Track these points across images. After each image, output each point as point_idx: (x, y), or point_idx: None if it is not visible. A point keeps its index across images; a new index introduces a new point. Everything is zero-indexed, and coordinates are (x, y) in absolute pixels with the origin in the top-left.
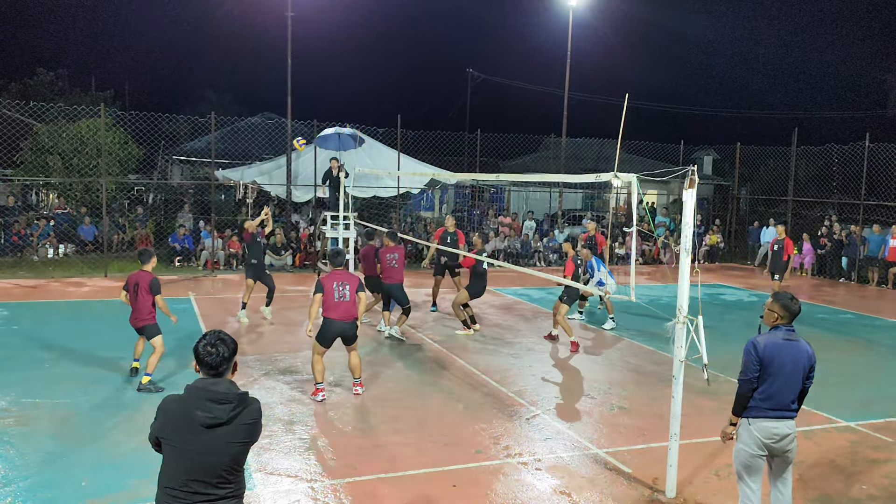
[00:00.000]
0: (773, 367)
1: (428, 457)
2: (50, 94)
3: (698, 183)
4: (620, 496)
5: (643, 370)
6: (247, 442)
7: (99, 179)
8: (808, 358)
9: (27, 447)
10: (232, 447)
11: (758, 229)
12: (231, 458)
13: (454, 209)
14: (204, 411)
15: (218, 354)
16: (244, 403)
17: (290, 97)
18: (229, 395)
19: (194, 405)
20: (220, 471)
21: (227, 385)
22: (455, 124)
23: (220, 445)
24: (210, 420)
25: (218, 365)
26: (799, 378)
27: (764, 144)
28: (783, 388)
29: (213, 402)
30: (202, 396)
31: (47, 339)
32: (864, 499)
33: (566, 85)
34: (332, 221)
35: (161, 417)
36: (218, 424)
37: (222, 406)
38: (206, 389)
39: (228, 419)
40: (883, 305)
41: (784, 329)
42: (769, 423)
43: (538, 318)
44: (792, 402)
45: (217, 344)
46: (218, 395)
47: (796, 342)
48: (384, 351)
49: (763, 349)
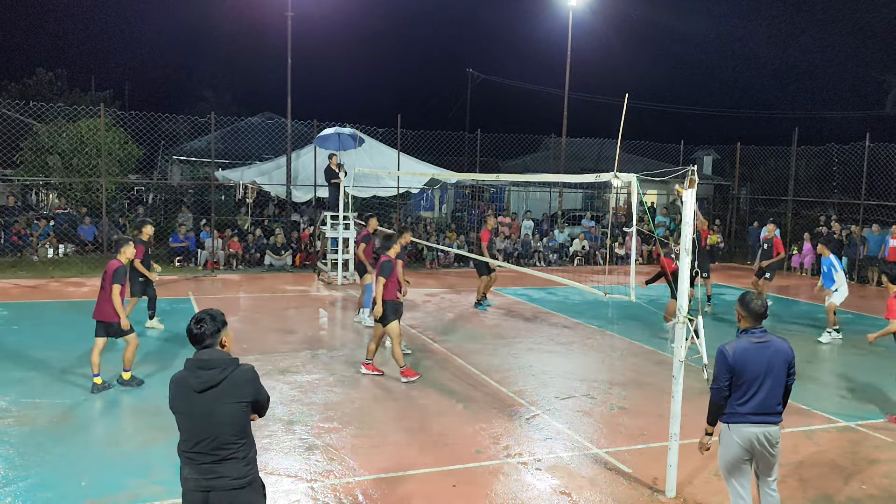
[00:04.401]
0: (746, 373)
1: (428, 457)
2: (49, 94)
3: (698, 183)
4: (620, 496)
5: (643, 370)
6: (242, 402)
7: (99, 179)
8: (784, 356)
9: (27, 447)
10: (226, 407)
11: (757, 229)
12: (230, 419)
13: (454, 209)
14: (196, 378)
15: (202, 330)
16: (232, 366)
17: (290, 97)
18: (214, 360)
19: (189, 374)
20: (222, 432)
21: (216, 353)
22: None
23: (216, 406)
24: (201, 385)
25: (202, 339)
26: (780, 379)
27: (764, 144)
28: (761, 393)
29: (202, 368)
30: (194, 366)
31: (47, 339)
32: (864, 499)
33: (566, 85)
34: (331, 221)
35: (170, 391)
36: (209, 388)
37: (210, 371)
38: (196, 359)
39: (218, 382)
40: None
41: (752, 332)
42: (750, 428)
43: (538, 318)
44: (777, 404)
45: (203, 320)
46: (205, 362)
47: (767, 343)
48: (383, 351)
49: (733, 356)
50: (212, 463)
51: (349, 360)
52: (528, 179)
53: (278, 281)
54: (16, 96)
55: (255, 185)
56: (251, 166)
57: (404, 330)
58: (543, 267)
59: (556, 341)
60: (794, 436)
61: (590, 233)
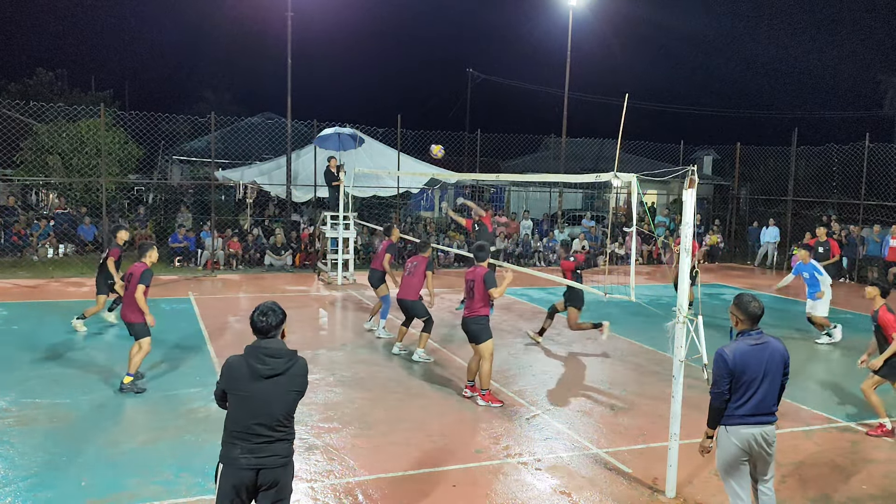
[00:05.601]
0: (745, 376)
1: (428, 457)
2: (50, 94)
3: (698, 183)
4: (620, 496)
5: (643, 370)
6: (299, 392)
7: (99, 179)
8: (780, 357)
9: (27, 447)
10: (289, 395)
11: (757, 229)
12: (287, 405)
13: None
14: (263, 364)
15: (268, 322)
16: (295, 358)
17: (290, 97)
18: (282, 350)
19: (255, 360)
20: (278, 415)
21: (280, 343)
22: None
23: (279, 393)
24: (269, 371)
25: (268, 330)
26: (776, 380)
27: (764, 144)
28: (759, 394)
29: (270, 356)
30: (260, 353)
31: (47, 339)
32: (864, 498)
33: (566, 85)
34: (331, 221)
35: (226, 373)
36: (275, 374)
37: (278, 360)
38: (262, 347)
39: (284, 370)
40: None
41: (749, 334)
42: (748, 429)
43: (538, 318)
44: (773, 404)
45: (268, 313)
46: (273, 350)
47: (764, 345)
48: (383, 351)
49: (732, 360)
50: (266, 443)
51: (349, 361)
52: (528, 179)
53: (278, 281)
54: (16, 96)
55: (255, 185)
56: (251, 166)
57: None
58: (543, 267)
59: (557, 341)
60: (794, 436)
61: (590, 233)
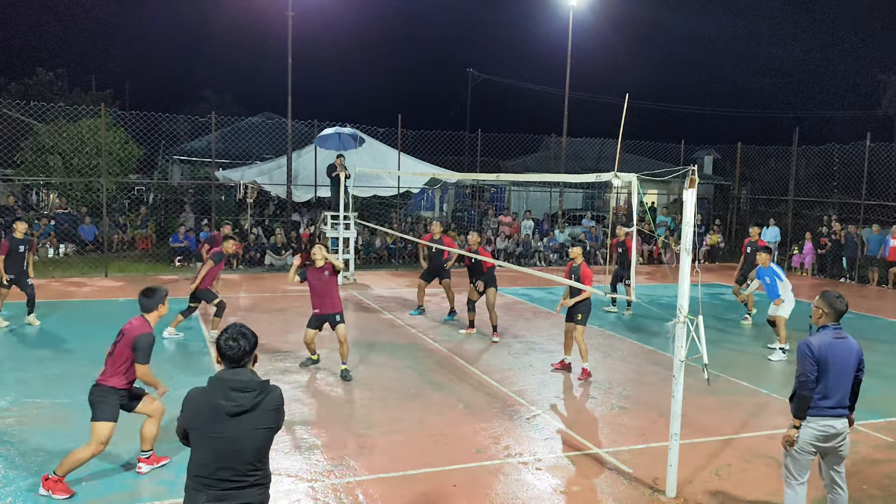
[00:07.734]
0: (827, 366)
1: (428, 457)
2: (50, 94)
3: (699, 183)
4: (621, 496)
5: (643, 370)
6: (272, 428)
7: (99, 179)
8: (857, 354)
9: (27, 447)
10: (258, 433)
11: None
12: (258, 445)
13: (455, 209)
14: (228, 400)
15: (239, 348)
16: (266, 391)
17: (291, 97)
18: (251, 383)
19: (219, 395)
20: (249, 458)
21: (249, 374)
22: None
23: (247, 432)
24: (235, 408)
25: (240, 358)
26: (850, 375)
27: (764, 144)
28: (837, 387)
29: (237, 390)
30: (226, 386)
31: (47, 339)
32: (864, 499)
33: (566, 85)
34: (332, 221)
35: (187, 409)
36: (243, 412)
37: (246, 394)
38: (228, 380)
39: (252, 406)
40: (883, 305)
41: (832, 328)
42: (826, 420)
43: (538, 318)
44: (845, 398)
45: (238, 338)
46: (240, 383)
47: (845, 339)
48: (383, 351)
49: (818, 350)
50: (235, 489)
51: (349, 360)
52: (529, 179)
53: (278, 281)
54: (16, 96)
55: (255, 185)
56: (251, 166)
57: (405, 330)
58: (544, 267)
59: (557, 341)
60: None
61: (590, 233)
